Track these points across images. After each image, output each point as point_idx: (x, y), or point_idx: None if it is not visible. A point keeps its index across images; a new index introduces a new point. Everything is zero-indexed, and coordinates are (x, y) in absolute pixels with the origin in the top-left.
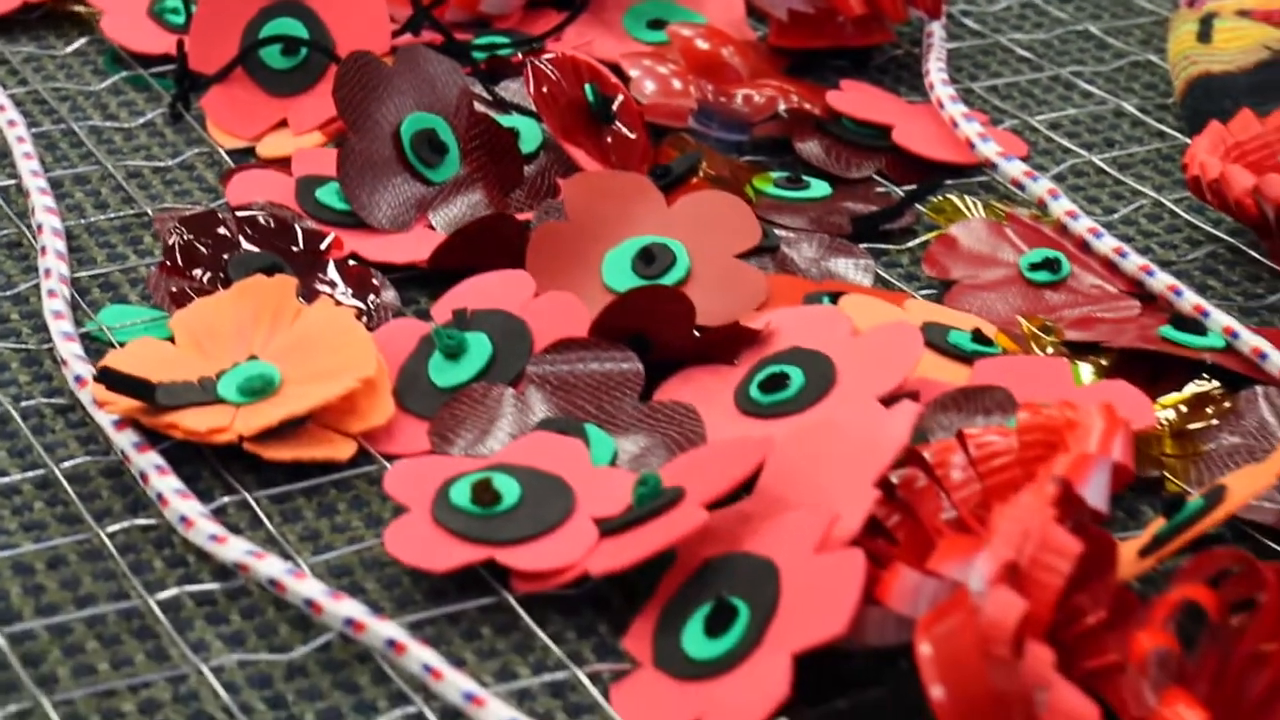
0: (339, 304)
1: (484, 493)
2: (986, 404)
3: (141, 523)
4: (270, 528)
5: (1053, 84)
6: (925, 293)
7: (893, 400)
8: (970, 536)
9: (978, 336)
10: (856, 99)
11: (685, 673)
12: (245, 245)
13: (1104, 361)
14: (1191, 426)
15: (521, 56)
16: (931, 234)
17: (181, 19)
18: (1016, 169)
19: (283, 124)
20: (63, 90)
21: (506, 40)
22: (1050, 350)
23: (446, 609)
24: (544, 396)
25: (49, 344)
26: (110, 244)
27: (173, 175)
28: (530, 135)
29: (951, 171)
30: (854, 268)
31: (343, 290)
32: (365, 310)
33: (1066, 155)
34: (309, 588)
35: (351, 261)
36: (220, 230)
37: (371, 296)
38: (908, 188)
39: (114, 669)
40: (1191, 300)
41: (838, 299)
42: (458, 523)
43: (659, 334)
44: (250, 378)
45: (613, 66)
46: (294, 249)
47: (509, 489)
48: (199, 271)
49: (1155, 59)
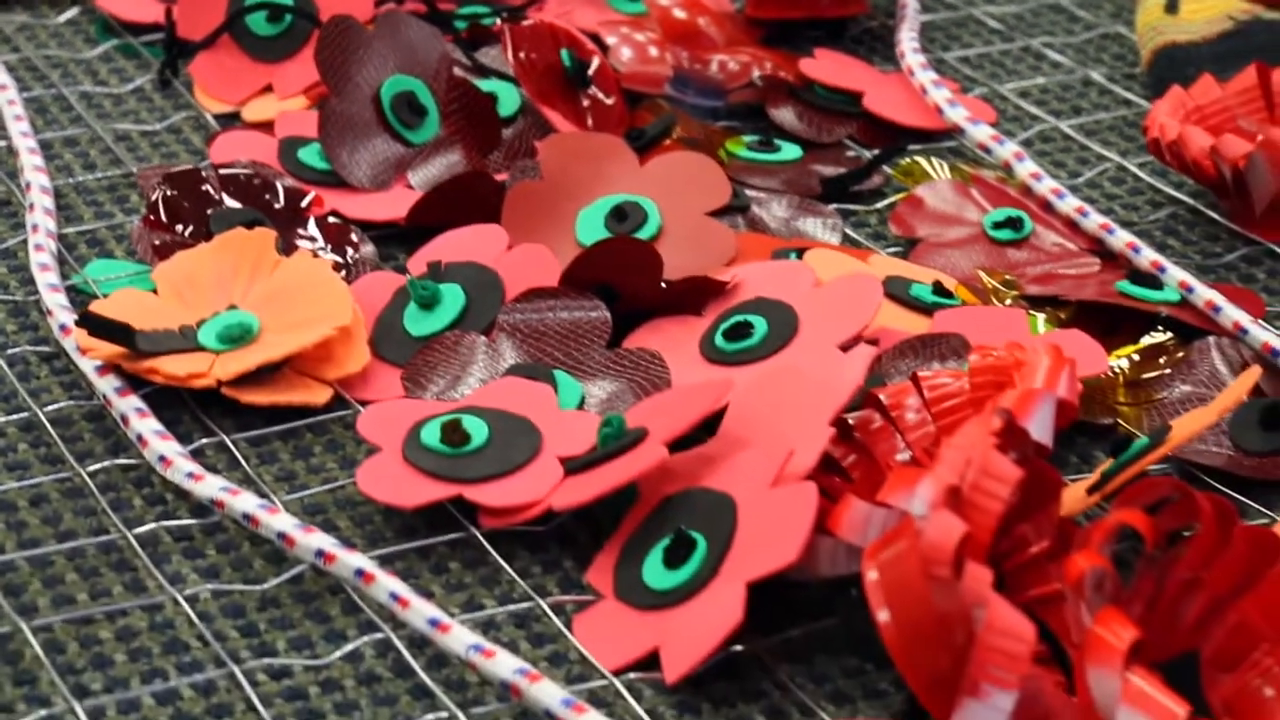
0: (317, 256)
1: (453, 433)
2: (943, 350)
3: (122, 462)
4: (247, 468)
5: (1023, 54)
6: (892, 250)
7: (852, 346)
8: (919, 469)
9: (938, 289)
10: (829, 66)
11: (644, 603)
12: (228, 201)
13: (1062, 315)
14: (1146, 376)
15: (500, 23)
16: (899, 195)
17: None
18: (983, 133)
19: (268, 89)
20: (54, 58)
21: (488, 10)
22: (1009, 303)
23: (416, 543)
24: (514, 344)
25: (35, 296)
26: (98, 202)
27: (160, 138)
28: (508, 99)
29: (921, 136)
30: (822, 226)
31: (322, 245)
32: (344, 264)
33: (1034, 122)
34: (282, 521)
35: (331, 219)
36: (203, 187)
37: (350, 251)
38: (877, 151)
39: (93, 599)
40: (1149, 256)
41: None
42: (428, 462)
43: (627, 284)
44: (229, 326)
45: (592, 36)
46: (275, 206)
47: (478, 430)
48: (181, 226)
49: (1124, 31)
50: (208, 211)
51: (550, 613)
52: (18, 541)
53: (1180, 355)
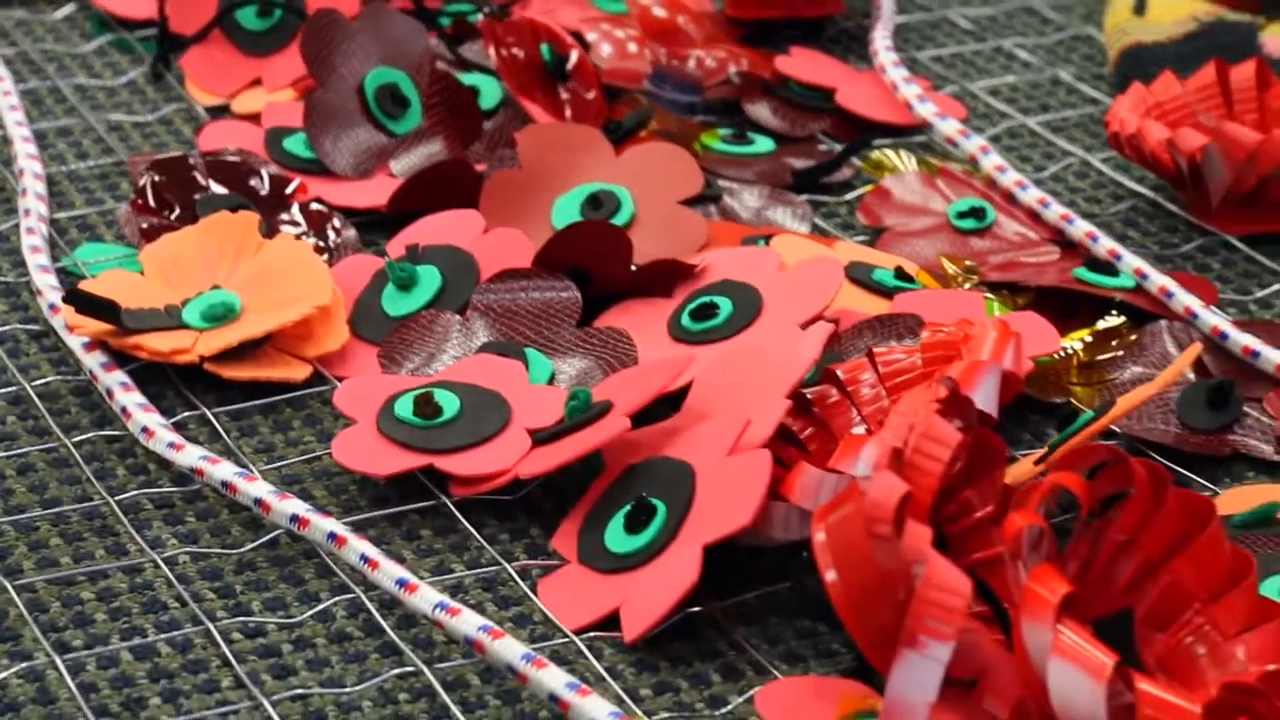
0: (300, 240)
1: (425, 406)
2: (899, 329)
3: (107, 434)
4: (228, 441)
5: (995, 54)
6: (860, 239)
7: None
8: (868, 436)
9: (900, 274)
10: (803, 64)
11: (606, 566)
12: (214, 187)
13: (1020, 300)
14: (1099, 358)
15: (484, 19)
16: (867, 186)
17: None
18: (951, 128)
19: (257, 82)
20: (51, 52)
21: (473, 8)
22: (968, 287)
23: (389, 510)
24: (487, 323)
25: (26, 277)
26: (89, 189)
27: (151, 129)
28: (490, 93)
29: (892, 131)
30: (792, 216)
31: (305, 230)
32: (326, 248)
33: (1003, 118)
34: (258, 488)
35: (315, 205)
36: (190, 173)
37: (333, 236)
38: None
39: (75, 562)
40: (1107, 245)
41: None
42: (400, 433)
43: (597, 267)
44: (213, 305)
45: (575, 34)
46: (260, 192)
47: (449, 403)
48: (168, 210)
49: (1094, 32)
50: (194, 197)
51: (516, 576)
52: (4, 508)
53: (1133, 338)
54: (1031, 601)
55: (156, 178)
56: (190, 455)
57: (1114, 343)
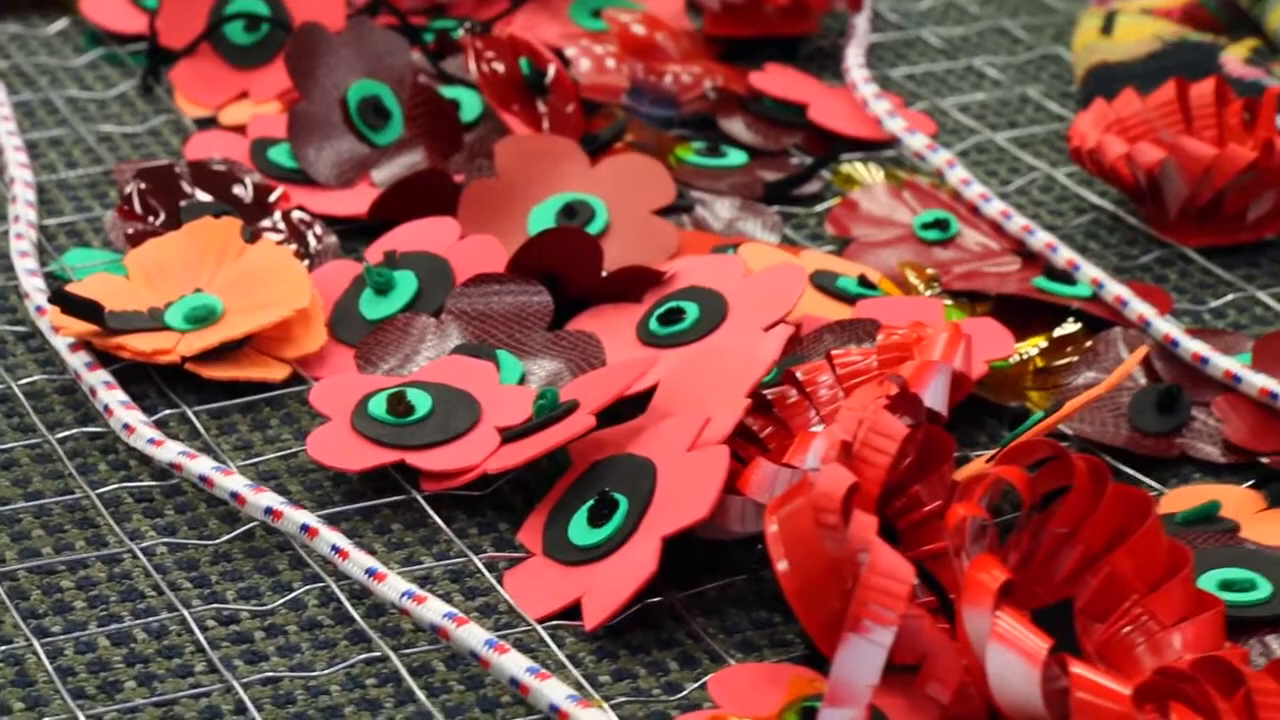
0: (280, 245)
1: (398, 404)
2: (859, 333)
3: (89, 430)
4: (207, 438)
5: (966, 73)
6: (828, 250)
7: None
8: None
9: (863, 281)
10: (777, 80)
11: (570, 558)
12: (199, 195)
13: (979, 308)
14: (1055, 363)
15: (465, 34)
16: (836, 199)
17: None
18: (919, 142)
19: (244, 95)
20: (44, 65)
21: (456, 24)
22: (930, 294)
23: (361, 505)
24: (461, 326)
25: (14, 281)
26: (78, 197)
27: (140, 139)
28: (471, 106)
29: (863, 146)
30: (763, 227)
31: (287, 237)
32: (308, 254)
33: (972, 134)
34: (234, 482)
35: (297, 213)
36: (175, 181)
37: (314, 243)
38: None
39: (56, 552)
40: (1066, 255)
41: None
42: (373, 430)
43: (569, 271)
44: (195, 307)
45: (555, 50)
46: (244, 200)
47: (421, 401)
48: (153, 216)
49: (1063, 53)
50: (180, 204)
51: (483, 568)
52: None
53: (1088, 345)
54: (972, 588)
55: (142, 185)
56: (169, 451)
57: (1069, 349)
